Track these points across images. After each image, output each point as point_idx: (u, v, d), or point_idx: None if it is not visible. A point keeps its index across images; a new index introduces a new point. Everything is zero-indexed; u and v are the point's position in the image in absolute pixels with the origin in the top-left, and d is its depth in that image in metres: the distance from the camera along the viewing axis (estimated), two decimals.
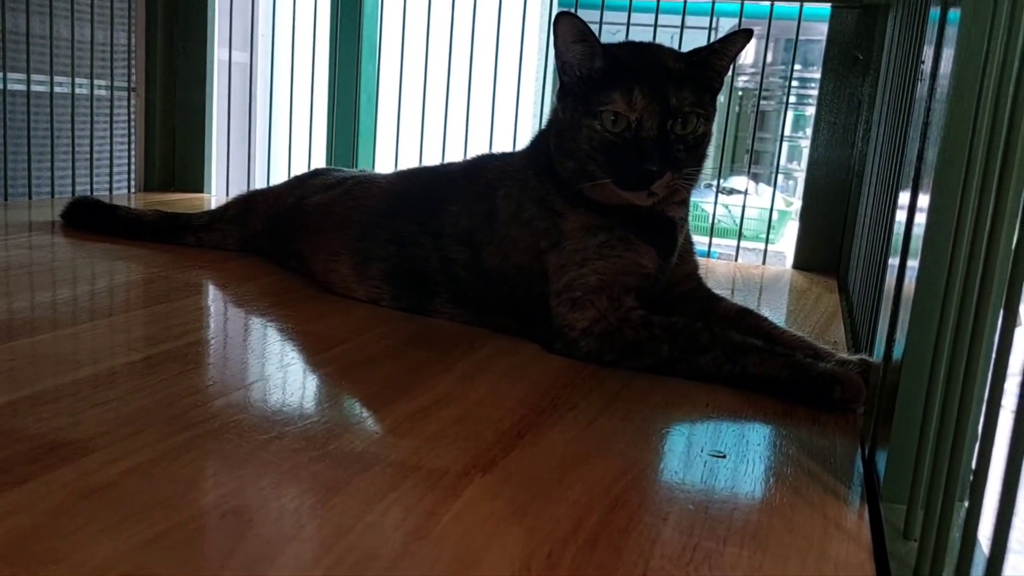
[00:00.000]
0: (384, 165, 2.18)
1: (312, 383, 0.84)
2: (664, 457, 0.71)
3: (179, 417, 0.69)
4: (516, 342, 0.99)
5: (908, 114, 0.88)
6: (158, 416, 0.69)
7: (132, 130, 2.13)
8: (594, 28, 0.94)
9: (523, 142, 1.13)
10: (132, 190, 2.16)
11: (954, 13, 0.60)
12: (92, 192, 2.01)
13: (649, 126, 0.90)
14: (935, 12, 0.72)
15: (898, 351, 0.64)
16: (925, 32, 0.81)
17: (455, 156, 1.73)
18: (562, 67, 0.95)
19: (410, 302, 1.09)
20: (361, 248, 1.13)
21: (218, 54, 2.21)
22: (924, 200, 0.62)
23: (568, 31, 0.92)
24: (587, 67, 0.93)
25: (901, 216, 0.73)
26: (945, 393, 0.54)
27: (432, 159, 1.99)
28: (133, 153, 2.15)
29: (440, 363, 0.89)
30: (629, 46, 0.98)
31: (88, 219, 1.49)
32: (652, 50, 0.97)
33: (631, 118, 0.90)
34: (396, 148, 2.10)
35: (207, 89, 2.18)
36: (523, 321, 1.01)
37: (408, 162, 2.02)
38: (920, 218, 0.62)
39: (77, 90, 1.94)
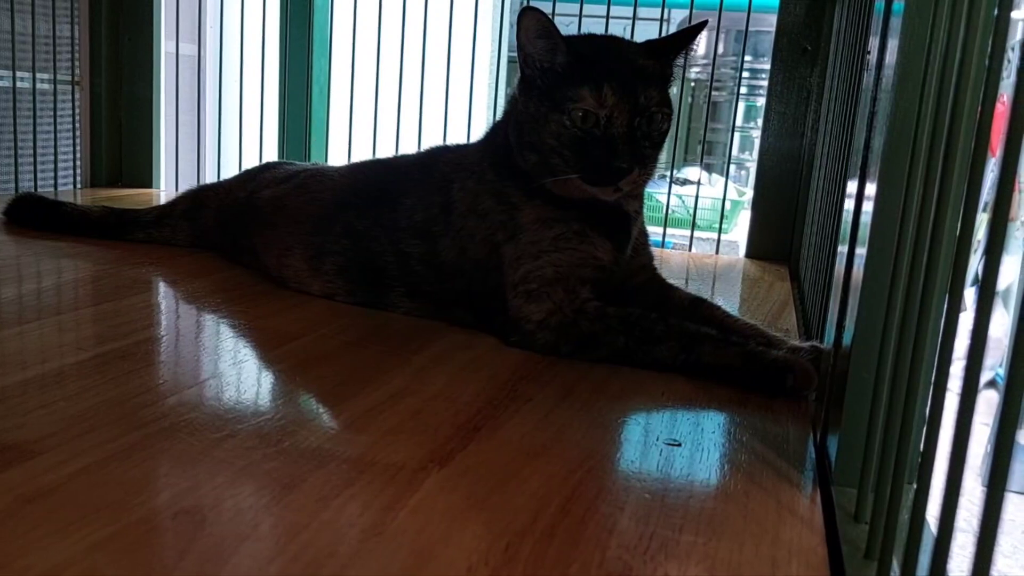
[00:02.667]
0: (337, 158, 2.16)
1: (266, 380, 0.83)
2: (621, 447, 0.71)
3: (129, 416, 0.68)
4: (473, 335, 0.99)
5: (855, 104, 0.89)
6: (108, 416, 0.68)
7: (77, 124, 2.08)
8: None
9: (477, 133, 1.12)
10: (78, 186, 2.11)
11: (898, 4, 0.61)
12: (36, 188, 1.96)
13: (619, 123, 0.89)
14: (880, 3, 0.73)
15: (847, 337, 0.65)
16: (871, 23, 0.82)
17: (409, 148, 1.72)
18: (524, 60, 0.94)
19: (365, 296, 1.08)
20: (315, 242, 1.11)
21: (165, 46, 2.16)
22: (871, 188, 0.63)
23: (532, 26, 0.92)
24: (549, 62, 0.93)
25: (849, 204, 0.74)
26: (893, 378, 0.55)
27: (386, 151, 1.98)
28: (78, 148, 2.10)
29: (396, 357, 0.89)
30: (591, 40, 0.98)
31: (33, 216, 1.45)
32: (616, 45, 0.96)
33: (600, 115, 0.89)
34: (349, 141, 2.08)
35: (154, 82, 2.14)
36: (480, 314, 1.01)
37: (361, 155, 2.01)
38: (868, 206, 0.63)
39: (19, 84, 1.89)
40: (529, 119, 0.94)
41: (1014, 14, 0.47)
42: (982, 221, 1.53)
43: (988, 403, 2.53)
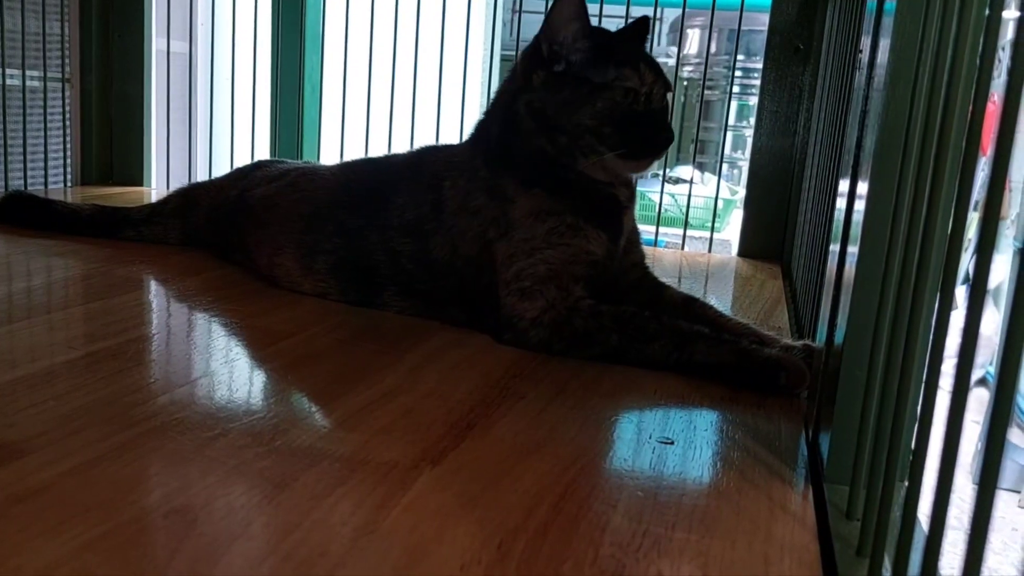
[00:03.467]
0: (329, 156, 2.16)
1: (258, 378, 0.82)
2: (613, 445, 0.71)
3: (120, 416, 0.68)
4: (466, 333, 0.99)
5: (847, 103, 0.90)
6: (98, 415, 0.67)
7: (67, 122, 2.07)
8: (538, 17, 0.95)
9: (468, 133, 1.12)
10: (68, 184, 2.10)
11: (890, 4, 0.61)
12: (26, 186, 1.95)
13: (658, 99, 0.97)
14: (872, 3, 0.73)
15: (839, 336, 0.65)
16: (862, 22, 0.82)
17: (401, 147, 1.71)
18: (552, 44, 0.96)
19: (357, 296, 1.08)
20: (306, 241, 1.11)
21: (156, 43, 2.16)
22: (863, 187, 0.63)
23: (568, 9, 0.94)
24: (580, 45, 0.95)
25: (841, 203, 0.75)
26: (885, 376, 0.55)
27: (378, 150, 1.97)
28: (69, 146, 2.09)
29: (389, 356, 0.89)
30: (597, 28, 1.02)
31: (23, 214, 1.44)
32: (611, 32, 1.03)
33: (642, 91, 0.95)
34: (341, 139, 2.08)
35: (145, 79, 2.13)
36: (472, 312, 1.01)
37: (354, 153, 2.00)
38: (859, 205, 0.63)
39: (9, 81, 1.88)
40: (559, 103, 0.96)
41: (1005, 14, 0.47)
42: (973, 220, 1.54)
43: (979, 401, 2.55)
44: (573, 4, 0.94)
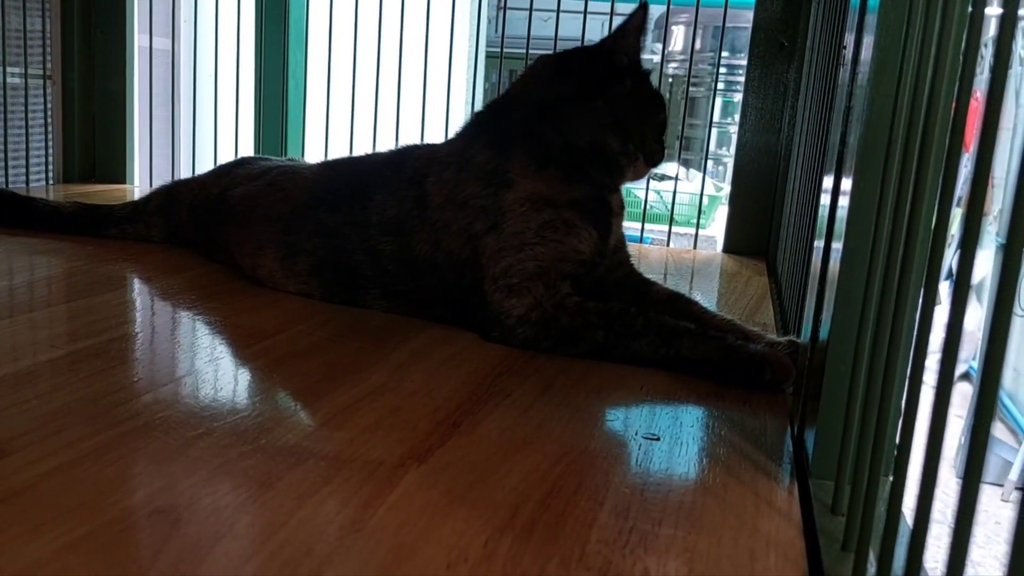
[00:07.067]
0: (314, 153, 2.15)
1: (243, 377, 0.82)
2: (600, 441, 0.71)
3: (103, 415, 0.67)
4: (452, 331, 0.99)
5: (831, 99, 0.90)
6: (81, 415, 0.67)
7: (49, 119, 2.06)
8: (523, 14, 0.94)
9: (455, 128, 1.11)
10: (51, 182, 2.08)
11: (874, 1, 0.61)
12: (8, 184, 1.94)
13: None
14: None
15: (824, 331, 0.65)
16: (846, 19, 0.82)
17: (386, 143, 1.71)
18: (624, 55, 1.02)
19: (341, 297, 1.07)
20: (287, 241, 1.10)
21: (138, 40, 2.14)
22: (847, 183, 0.63)
23: (636, 20, 1.01)
24: (635, 58, 1.03)
25: (825, 199, 0.75)
26: (869, 371, 0.55)
27: (363, 146, 1.97)
28: (51, 143, 2.07)
29: (375, 354, 0.88)
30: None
31: (4, 213, 1.43)
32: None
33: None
34: (326, 136, 2.07)
35: (127, 76, 2.11)
36: (458, 311, 1.01)
37: (338, 150, 2.00)
38: (843, 201, 0.64)
39: None
40: (636, 111, 1.01)
41: (988, 10, 0.48)
42: (956, 216, 1.55)
43: (962, 396, 2.57)
44: (641, 15, 1.00)
